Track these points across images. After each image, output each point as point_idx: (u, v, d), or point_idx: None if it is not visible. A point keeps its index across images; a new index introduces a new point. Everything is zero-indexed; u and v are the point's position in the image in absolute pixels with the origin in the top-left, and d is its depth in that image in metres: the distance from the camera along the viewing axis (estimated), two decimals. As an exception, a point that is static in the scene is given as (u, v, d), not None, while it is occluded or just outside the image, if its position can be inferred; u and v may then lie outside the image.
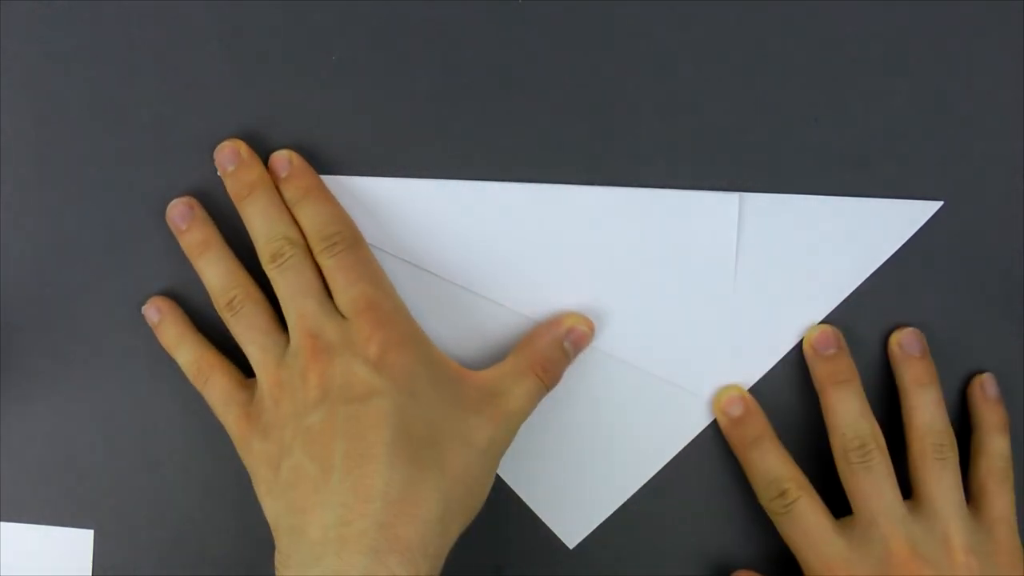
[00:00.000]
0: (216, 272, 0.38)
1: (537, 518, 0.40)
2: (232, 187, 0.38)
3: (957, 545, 0.35)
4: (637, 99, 0.39)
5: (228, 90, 0.39)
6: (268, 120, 0.39)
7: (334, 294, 0.36)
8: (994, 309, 0.40)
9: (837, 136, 0.39)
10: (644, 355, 0.39)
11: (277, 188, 0.38)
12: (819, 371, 0.38)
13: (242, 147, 0.38)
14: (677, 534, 0.40)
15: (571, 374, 0.39)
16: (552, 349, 0.38)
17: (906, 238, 0.39)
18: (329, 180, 0.39)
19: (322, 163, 0.39)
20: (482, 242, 0.39)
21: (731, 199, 0.39)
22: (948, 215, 0.39)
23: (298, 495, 0.33)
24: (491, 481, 0.36)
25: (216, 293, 0.38)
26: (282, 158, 0.38)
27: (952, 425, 0.38)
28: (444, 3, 0.39)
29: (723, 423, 0.39)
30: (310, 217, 0.37)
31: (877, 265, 0.39)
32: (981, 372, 0.40)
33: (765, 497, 0.38)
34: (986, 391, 0.39)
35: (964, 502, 0.37)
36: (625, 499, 0.40)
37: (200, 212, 0.38)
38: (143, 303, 0.39)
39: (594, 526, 0.40)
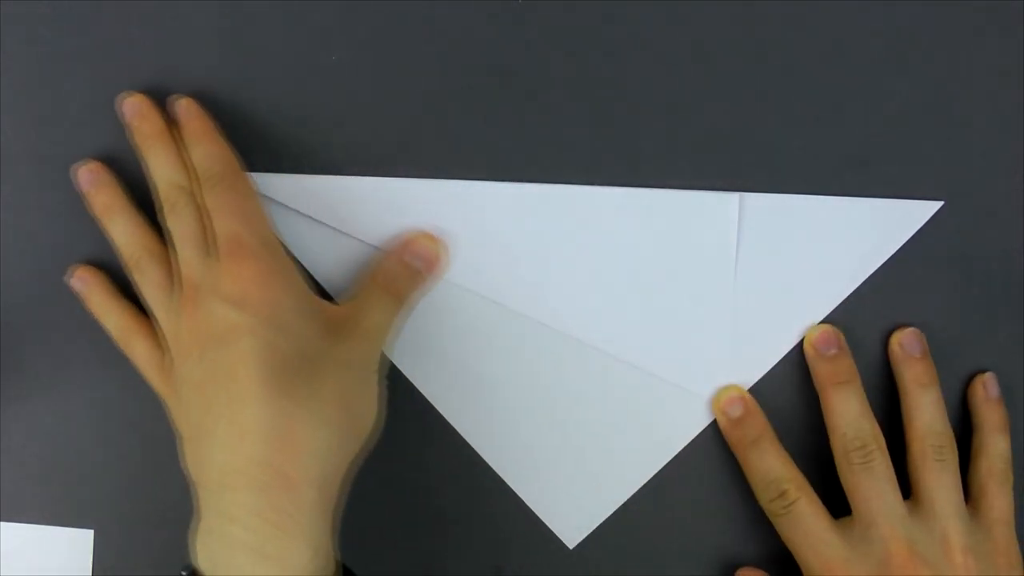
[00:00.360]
0: (121, 232, 0.38)
1: (537, 518, 0.40)
2: (135, 139, 0.38)
3: (956, 546, 0.36)
4: (637, 99, 0.39)
5: (228, 90, 0.39)
6: (268, 120, 0.39)
7: (211, 234, 0.36)
8: (994, 309, 0.40)
9: (837, 136, 0.39)
10: (644, 355, 0.39)
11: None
12: (820, 371, 0.38)
13: (143, 100, 0.38)
14: (677, 534, 0.40)
15: (572, 375, 0.39)
16: (397, 266, 0.38)
17: (906, 238, 0.39)
18: (327, 180, 0.39)
19: (322, 163, 0.39)
20: (482, 242, 0.39)
21: (731, 199, 0.39)
22: (948, 215, 0.39)
23: (198, 448, 0.34)
24: (376, 401, 0.36)
25: (123, 255, 0.38)
26: (177, 104, 0.38)
27: (951, 425, 0.38)
28: (444, 3, 0.39)
29: (723, 423, 0.39)
30: (197, 159, 0.37)
31: (877, 265, 0.39)
32: (981, 372, 0.40)
33: (764, 498, 0.38)
34: (988, 391, 0.39)
35: (963, 503, 0.37)
36: (625, 499, 0.40)
37: (106, 175, 0.39)
38: (142, 303, 0.39)
39: (594, 526, 0.40)
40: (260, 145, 0.39)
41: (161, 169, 0.37)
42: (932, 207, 0.39)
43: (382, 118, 0.39)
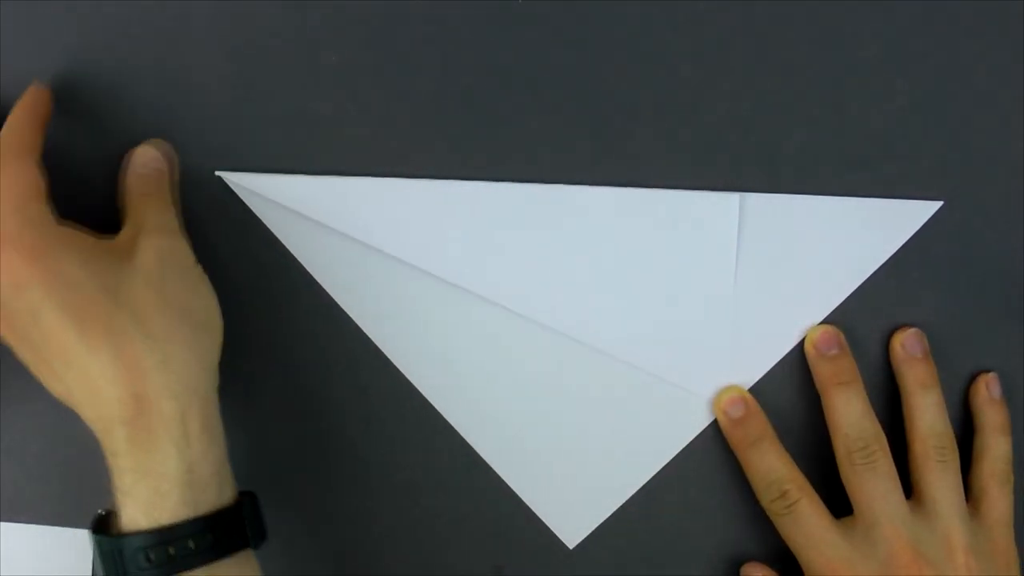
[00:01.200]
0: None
1: (537, 518, 0.40)
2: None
3: (958, 546, 0.36)
4: (637, 99, 0.39)
5: (228, 92, 0.39)
6: (268, 120, 0.39)
7: None
8: (994, 309, 0.40)
9: (837, 136, 0.39)
10: (644, 355, 0.39)
11: None
12: (821, 371, 0.38)
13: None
14: (677, 534, 0.40)
15: (572, 376, 0.39)
16: (135, 180, 0.38)
17: (906, 238, 0.39)
18: (327, 181, 0.39)
19: (322, 163, 0.39)
20: (481, 242, 0.39)
21: (731, 199, 0.39)
22: (948, 215, 0.39)
23: (69, 400, 0.34)
24: (207, 292, 0.36)
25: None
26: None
27: (953, 426, 0.38)
28: (444, 3, 0.39)
29: (724, 423, 0.39)
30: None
31: (877, 265, 0.39)
32: (984, 372, 0.40)
33: (766, 498, 0.38)
34: (991, 391, 0.39)
35: (964, 503, 0.37)
36: (625, 499, 0.40)
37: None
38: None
39: (594, 526, 0.40)
40: (260, 145, 0.39)
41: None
42: (932, 207, 0.39)
43: (382, 118, 0.39)
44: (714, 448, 0.40)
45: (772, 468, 0.38)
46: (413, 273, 0.39)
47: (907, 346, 0.39)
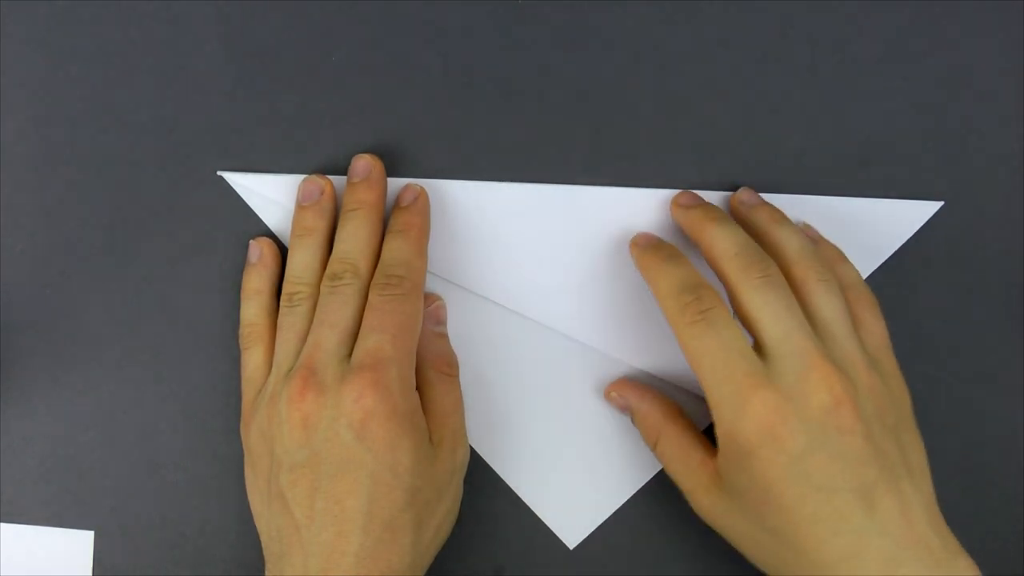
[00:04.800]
0: (301, 260, 0.37)
1: (537, 518, 0.40)
2: (345, 198, 0.38)
3: (860, 363, 0.33)
4: (637, 99, 0.39)
5: (228, 91, 0.39)
6: (268, 121, 0.39)
7: (362, 328, 0.35)
8: (994, 309, 0.40)
9: (837, 136, 0.39)
10: (645, 356, 0.39)
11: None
12: (691, 217, 0.37)
13: (376, 166, 0.38)
14: (677, 534, 0.40)
15: (572, 376, 0.39)
16: (435, 343, 0.38)
17: (906, 238, 0.39)
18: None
19: (322, 164, 0.39)
20: (482, 242, 0.39)
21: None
22: (948, 215, 0.39)
23: (283, 526, 0.34)
24: (460, 494, 0.37)
25: (289, 279, 0.37)
26: (412, 190, 0.38)
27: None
28: (443, 4, 0.39)
29: (635, 251, 0.38)
30: (391, 251, 0.36)
31: (876, 265, 0.39)
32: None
33: (676, 306, 0.34)
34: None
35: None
36: (625, 499, 0.40)
37: (327, 202, 0.38)
38: (143, 305, 0.39)
39: (595, 526, 0.40)
40: (260, 146, 0.39)
41: (347, 241, 0.37)
42: (932, 207, 0.39)
43: (382, 118, 0.39)
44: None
45: (689, 275, 0.35)
46: None
47: (746, 199, 0.38)
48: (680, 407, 0.38)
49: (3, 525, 0.39)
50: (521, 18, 0.39)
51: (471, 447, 0.39)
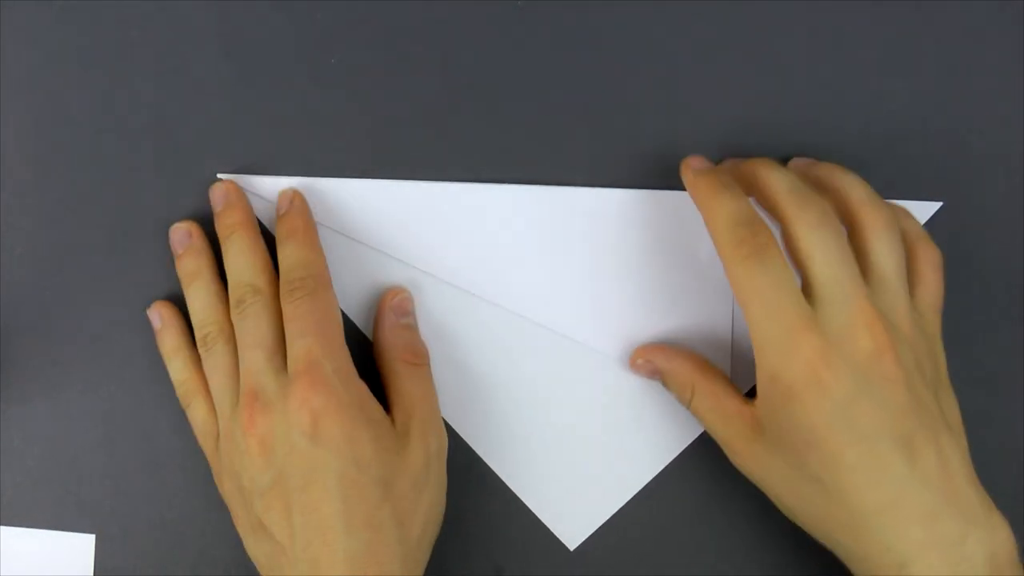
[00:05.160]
0: (199, 305, 0.37)
1: (537, 518, 0.40)
2: (217, 228, 0.38)
3: (905, 315, 0.33)
4: (637, 99, 0.39)
5: (228, 92, 0.39)
6: (268, 122, 0.39)
7: (287, 339, 0.35)
8: (994, 309, 0.40)
9: (837, 137, 0.39)
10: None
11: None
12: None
13: (231, 188, 0.38)
14: (677, 534, 0.40)
15: (572, 376, 0.39)
16: (400, 334, 0.38)
17: None
18: (326, 183, 0.39)
19: (320, 165, 0.39)
20: (483, 244, 0.39)
21: None
22: (948, 215, 0.39)
23: (270, 552, 0.34)
24: (444, 484, 0.37)
25: (195, 325, 0.38)
26: (285, 196, 0.38)
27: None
28: (443, 4, 0.39)
29: (688, 179, 0.36)
30: (286, 258, 0.36)
31: None
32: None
33: (731, 240, 0.33)
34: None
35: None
36: (626, 500, 0.40)
37: (197, 241, 0.38)
38: (143, 306, 0.39)
39: (595, 527, 0.40)
40: (260, 146, 0.39)
41: (237, 265, 0.37)
42: (932, 207, 0.39)
43: (382, 118, 0.39)
44: (714, 449, 0.39)
45: (742, 209, 0.33)
46: (413, 274, 0.39)
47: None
48: (708, 361, 0.38)
49: (4, 529, 0.39)
50: (521, 18, 0.39)
51: (471, 447, 0.39)
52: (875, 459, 0.31)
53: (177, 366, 0.38)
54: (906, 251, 0.35)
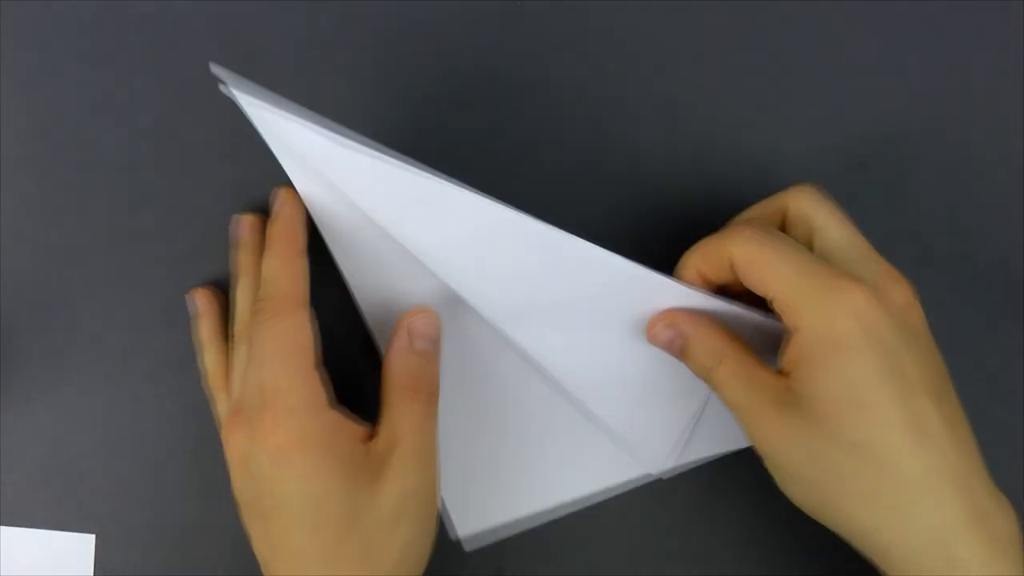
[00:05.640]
0: (239, 301, 0.38)
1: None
2: (231, 264, 0.39)
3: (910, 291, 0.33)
4: (636, 99, 0.39)
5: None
6: (268, 121, 0.39)
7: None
8: (994, 309, 0.40)
9: (837, 137, 0.39)
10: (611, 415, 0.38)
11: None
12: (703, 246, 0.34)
13: (287, 198, 0.36)
14: (677, 534, 0.40)
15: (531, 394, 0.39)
16: (407, 360, 0.35)
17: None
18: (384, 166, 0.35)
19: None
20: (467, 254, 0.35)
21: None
22: (948, 215, 0.39)
23: (261, 557, 0.34)
24: (430, 522, 0.35)
25: (232, 320, 0.38)
26: (277, 198, 0.36)
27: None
28: (443, 4, 0.39)
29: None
30: (262, 273, 0.35)
31: None
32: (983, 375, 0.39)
33: (738, 237, 0.33)
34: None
35: None
36: (525, 513, 0.39)
37: (254, 238, 0.38)
38: (143, 306, 0.39)
39: (489, 526, 0.39)
40: (260, 146, 0.39)
41: (266, 272, 0.35)
42: None
43: (382, 118, 0.39)
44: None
45: (741, 221, 0.35)
46: (443, 290, 0.37)
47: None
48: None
49: (4, 529, 0.39)
50: (521, 18, 0.39)
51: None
52: (919, 416, 0.30)
53: (208, 357, 0.39)
54: None
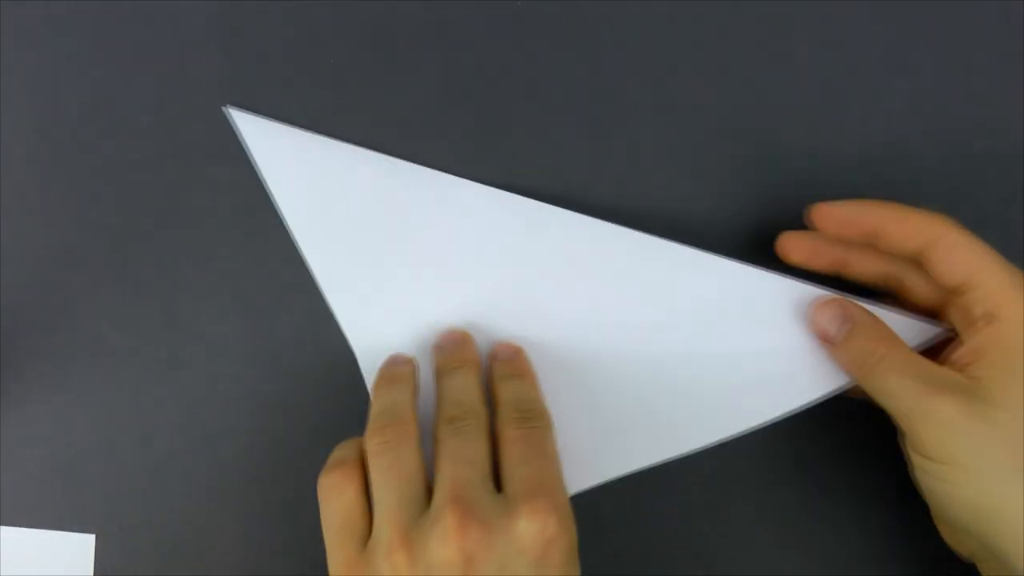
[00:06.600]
0: (391, 399, 0.35)
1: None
2: (441, 359, 0.36)
3: None
4: (636, 100, 0.39)
5: (228, 91, 0.39)
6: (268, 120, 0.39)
7: (505, 465, 0.32)
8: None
9: (837, 137, 0.39)
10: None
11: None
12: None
13: (466, 336, 0.37)
14: (677, 534, 0.40)
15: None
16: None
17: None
18: (412, 167, 0.38)
19: (322, 164, 0.39)
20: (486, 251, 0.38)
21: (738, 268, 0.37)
22: (948, 215, 0.39)
23: None
24: None
25: (377, 414, 0.34)
26: (509, 347, 0.37)
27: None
28: (443, 4, 0.39)
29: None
30: (513, 391, 0.35)
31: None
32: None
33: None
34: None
35: None
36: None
37: (412, 361, 0.37)
38: (143, 306, 0.39)
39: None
40: (260, 146, 0.39)
41: (459, 390, 0.35)
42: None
43: (382, 118, 0.39)
44: (715, 448, 0.40)
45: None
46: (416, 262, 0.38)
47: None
48: None
49: (4, 529, 0.39)
50: (521, 18, 0.39)
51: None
52: None
53: (348, 444, 0.35)
54: None
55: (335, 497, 0.33)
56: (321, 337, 0.40)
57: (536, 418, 0.34)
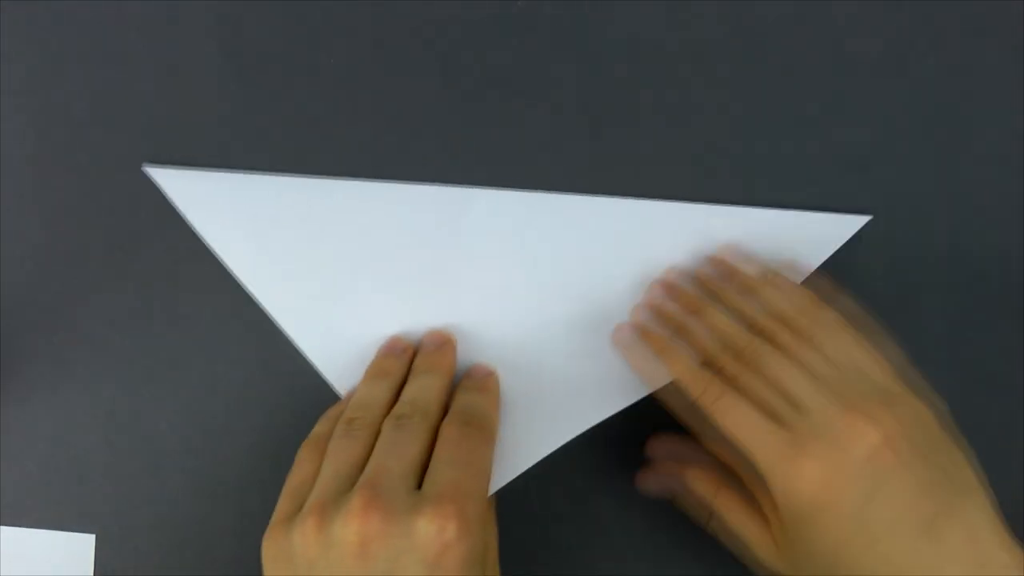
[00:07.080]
0: (372, 393, 0.36)
1: (541, 519, 0.40)
2: (417, 360, 0.38)
3: (874, 401, 0.33)
4: (635, 100, 0.39)
5: (228, 91, 0.39)
6: (266, 121, 0.39)
7: (432, 462, 0.33)
8: (994, 309, 0.40)
9: (837, 137, 0.39)
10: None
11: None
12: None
13: (449, 340, 0.39)
14: (678, 534, 0.40)
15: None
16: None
17: (832, 251, 0.39)
18: (327, 183, 0.39)
19: (319, 165, 0.39)
20: (474, 248, 0.39)
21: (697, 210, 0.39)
22: (948, 215, 0.39)
23: None
24: None
25: (352, 405, 0.36)
26: (483, 369, 0.39)
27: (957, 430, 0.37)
28: (443, 6, 0.39)
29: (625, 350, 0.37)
30: (468, 400, 0.36)
31: (802, 278, 0.38)
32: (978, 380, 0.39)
33: (697, 386, 0.34)
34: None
35: None
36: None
37: (408, 354, 0.38)
38: (143, 305, 0.39)
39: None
40: (260, 146, 0.39)
41: (419, 387, 0.36)
42: (859, 221, 0.39)
43: (382, 118, 0.39)
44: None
45: (691, 359, 0.35)
46: (402, 279, 0.39)
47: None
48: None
49: (4, 529, 0.39)
50: (521, 18, 0.39)
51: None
52: (901, 550, 0.31)
53: (323, 425, 0.37)
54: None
55: (298, 466, 0.35)
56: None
57: (479, 426, 0.35)
